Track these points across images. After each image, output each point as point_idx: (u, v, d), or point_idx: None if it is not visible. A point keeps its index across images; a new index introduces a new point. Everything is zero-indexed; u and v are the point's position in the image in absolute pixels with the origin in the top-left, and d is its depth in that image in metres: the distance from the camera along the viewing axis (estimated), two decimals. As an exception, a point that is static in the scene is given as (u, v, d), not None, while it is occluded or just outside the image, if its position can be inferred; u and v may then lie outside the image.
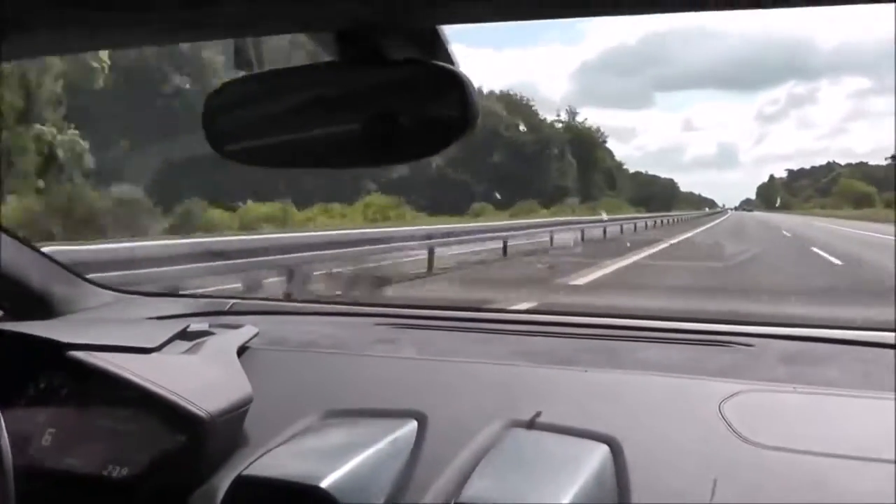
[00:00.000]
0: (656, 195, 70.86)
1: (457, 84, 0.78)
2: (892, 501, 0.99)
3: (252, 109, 0.89)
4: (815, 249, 16.10)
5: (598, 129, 64.62)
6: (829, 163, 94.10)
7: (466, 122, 0.79)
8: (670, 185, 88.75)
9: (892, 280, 10.12)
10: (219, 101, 0.90)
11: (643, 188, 70.56)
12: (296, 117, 0.86)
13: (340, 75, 0.83)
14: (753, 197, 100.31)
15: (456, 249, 12.89)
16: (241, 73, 0.92)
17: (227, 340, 1.47)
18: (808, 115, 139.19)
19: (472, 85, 0.78)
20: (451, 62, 0.78)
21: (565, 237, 17.81)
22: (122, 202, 17.67)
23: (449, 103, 0.79)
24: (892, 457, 1.07)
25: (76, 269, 1.93)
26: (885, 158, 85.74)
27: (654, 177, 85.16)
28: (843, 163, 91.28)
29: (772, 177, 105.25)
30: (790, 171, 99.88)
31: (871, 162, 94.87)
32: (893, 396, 1.25)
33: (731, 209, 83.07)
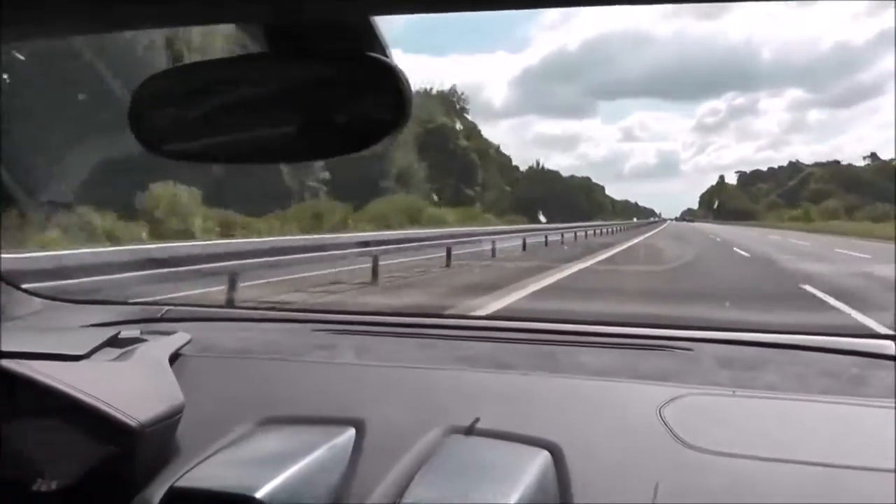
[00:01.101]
0: (566, 200, 54.72)
1: (390, 77, 0.77)
2: (832, 503, 1.00)
3: (181, 103, 0.86)
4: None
5: (452, 90, 46.26)
6: (792, 163, 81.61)
7: (401, 115, 0.77)
8: (587, 187, 70.18)
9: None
10: (145, 95, 0.87)
11: (534, 189, 52.49)
12: (226, 111, 0.84)
13: (271, 68, 0.81)
14: (696, 206, 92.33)
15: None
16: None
17: (159, 347, 1.43)
18: (749, 126, 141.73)
19: (405, 77, 0.76)
20: (386, 55, 0.77)
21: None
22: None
23: (382, 97, 0.78)
24: (830, 460, 1.08)
25: (5, 277, 1.87)
26: (864, 158, 74.77)
27: (568, 178, 67.78)
28: (808, 162, 78.80)
29: (721, 179, 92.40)
30: (742, 174, 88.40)
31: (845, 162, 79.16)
32: (827, 400, 1.29)
33: (672, 220, 78.36)
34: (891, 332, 1.63)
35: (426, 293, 10.47)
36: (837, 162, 75.23)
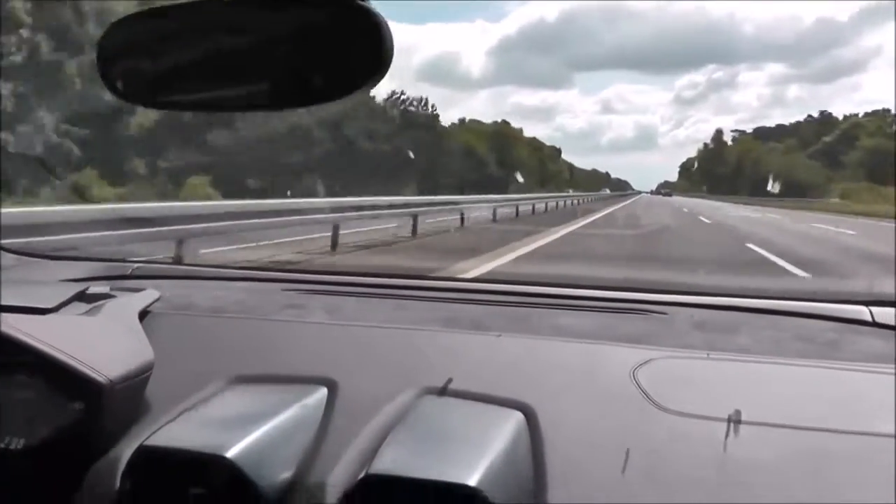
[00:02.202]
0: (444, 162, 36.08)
1: (370, 24, 0.74)
2: (805, 469, 1.00)
3: (152, 48, 0.83)
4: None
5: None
6: (813, 117, 57.41)
7: (380, 62, 0.75)
8: (502, 136, 48.32)
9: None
10: (115, 40, 0.84)
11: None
12: (199, 57, 0.81)
13: (248, 11, 0.78)
14: (674, 178, 79.48)
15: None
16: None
17: (128, 303, 1.41)
18: (728, 100, 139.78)
19: (386, 25, 0.74)
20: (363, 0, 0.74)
21: None
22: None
23: (362, 43, 0.75)
24: (804, 423, 1.09)
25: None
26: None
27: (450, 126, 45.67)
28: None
29: (719, 135, 63.57)
30: (740, 133, 64.26)
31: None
32: (801, 364, 1.29)
33: (647, 192, 70.16)
34: (866, 298, 1.64)
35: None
36: (888, 111, 54.18)
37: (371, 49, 0.75)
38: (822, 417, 1.10)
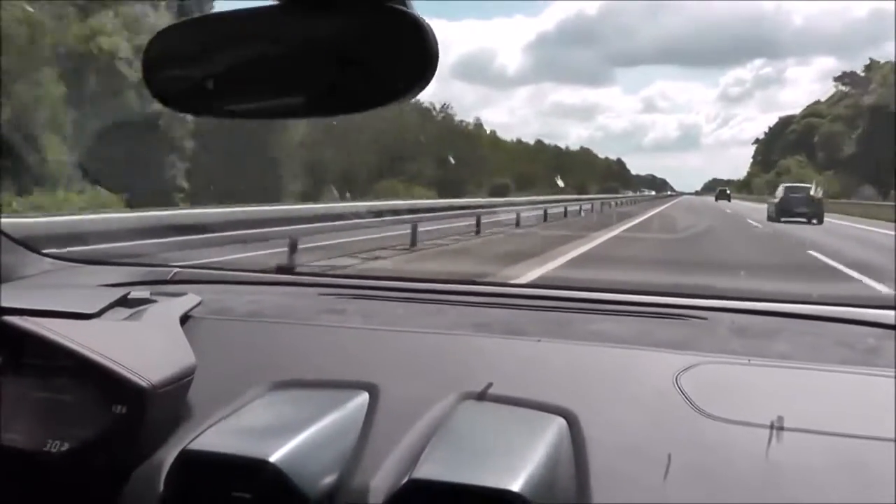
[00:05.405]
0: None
1: (413, 29, 0.74)
2: (846, 475, 0.99)
3: (193, 57, 0.85)
4: None
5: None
6: None
7: (425, 69, 0.75)
8: None
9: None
10: (159, 49, 0.85)
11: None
12: (240, 65, 0.82)
13: (288, 19, 0.79)
14: (723, 175, 72.04)
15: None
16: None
17: (170, 308, 1.42)
18: (775, 97, 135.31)
19: (430, 29, 0.74)
20: (406, 6, 0.74)
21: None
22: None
23: (406, 50, 0.75)
24: (846, 431, 1.07)
25: (14, 236, 1.86)
26: None
27: None
28: None
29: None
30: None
31: None
32: (842, 370, 1.28)
33: (693, 194, 66.76)
34: (909, 303, 1.63)
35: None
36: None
37: (415, 56, 0.75)
38: (863, 424, 1.09)
